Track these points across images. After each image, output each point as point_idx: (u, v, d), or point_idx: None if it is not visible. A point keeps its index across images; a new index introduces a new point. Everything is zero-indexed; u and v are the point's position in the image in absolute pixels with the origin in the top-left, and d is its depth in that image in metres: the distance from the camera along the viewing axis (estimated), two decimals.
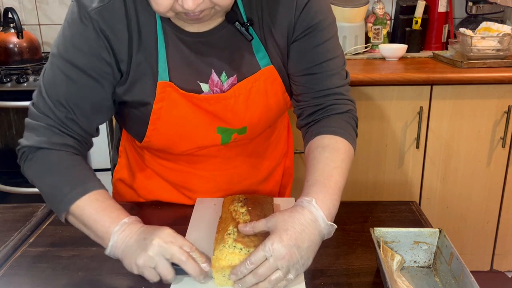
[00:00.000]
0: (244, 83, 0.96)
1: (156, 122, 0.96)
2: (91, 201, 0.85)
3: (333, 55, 0.96)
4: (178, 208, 1.09)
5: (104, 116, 0.97)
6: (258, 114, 0.99)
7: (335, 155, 0.92)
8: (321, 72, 0.96)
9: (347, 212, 1.05)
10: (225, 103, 0.96)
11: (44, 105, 0.91)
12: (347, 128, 0.97)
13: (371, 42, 2.50)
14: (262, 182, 1.17)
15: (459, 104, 2.03)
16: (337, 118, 0.97)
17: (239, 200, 0.94)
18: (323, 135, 0.95)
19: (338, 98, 0.98)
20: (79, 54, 0.89)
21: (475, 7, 2.51)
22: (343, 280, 0.83)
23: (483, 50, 2.09)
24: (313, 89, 0.98)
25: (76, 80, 0.90)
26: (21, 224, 1.03)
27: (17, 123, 2.11)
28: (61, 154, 0.90)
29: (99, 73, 0.90)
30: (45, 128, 0.90)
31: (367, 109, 2.06)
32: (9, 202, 1.86)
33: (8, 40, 2.27)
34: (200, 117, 0.96)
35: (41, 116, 0.91)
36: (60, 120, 0.90)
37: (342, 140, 0.94)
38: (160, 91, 0.92)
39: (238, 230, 0.83)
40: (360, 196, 2.18)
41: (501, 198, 2.17)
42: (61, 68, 0.90)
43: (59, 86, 0.90)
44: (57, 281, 0.84)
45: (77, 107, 0.91)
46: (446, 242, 0.82)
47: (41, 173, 0.90)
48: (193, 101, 0.94)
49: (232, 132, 1.00)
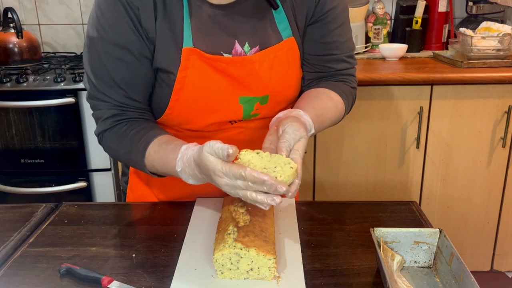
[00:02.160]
0: (268, 52, 0.99)
1: (180, 92, 0.96)
2: (155, 151, 0.93)
3: (345, 38, 1.06)
4: (178, 208, 1.09)
5: (151, 88, 1.01)
6: (280, 82, 1.02)
7: (328, 99, 1.03)
8: (333, 55, 1.06)
9: (347, 212, 1.05)
10: (251, 68, 0.98)
11: (97, 92, 0.97)
12: (347, 93, 1.08)
13: (371, 42, 2.50)
14: None
15: (459, 104, 2.03)
16: (339, 84, 1.08)
17: (239, 200, 0.94)
18: (322, 88, 1.06)
19: (347, 78, 1.10)
20: (118, 33, 0.93)
21: (475, 7, 2.51)
22: (343, 280, 0.83)
23: (483, 50, 2.09)
24: (325, 69, 1.07)
25: (121, 58, 0.94)
26: (21, 224, 1.03)
27: (17, 123, 2.11)
28: (124, 126, 0.98)
29: (138, 47, 0.94)
30: (106, 113, 0.98)
31: (367, 109, 2.05)
32: (9, 202, 1.86)
33: (8, 40, 2.27)
34: (224, 86, 0.98)
35: (98, 103, 0.97)
36: (116, 101, 0.96)
37: (338, 96, 1.05)
38: (185, 58, 0.94)
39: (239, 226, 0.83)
40: (360, 196, 2.18)
41: (501, 198, 2.17)
42: (105, 50, 0.93)
43: (107, 68, 0.94)
44: (57, 281, 0.84)
45: (128, 84, 0.96)
46: (446, 242, 0.82)
47: (115, 149, 1.00)
48: (218, 66, 0.96)
49: (254, 102, 1.01)
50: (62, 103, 2.05)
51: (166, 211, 1.09)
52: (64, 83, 2.06)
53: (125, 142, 0.97)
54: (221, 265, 0.80)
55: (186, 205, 1.09)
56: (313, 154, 2.14)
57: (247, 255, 0.79)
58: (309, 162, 2.15)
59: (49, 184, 2.19)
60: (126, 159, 1.02)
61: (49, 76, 2.10)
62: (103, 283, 0.81)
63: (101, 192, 2.22)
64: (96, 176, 2.19)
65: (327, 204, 1.10)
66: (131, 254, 0.91)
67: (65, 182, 2.19)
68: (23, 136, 2.13)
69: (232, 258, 0.79)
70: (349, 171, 2.16)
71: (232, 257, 0.79)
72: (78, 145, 2.12)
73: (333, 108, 1.04)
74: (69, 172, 2.19)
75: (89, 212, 1.08)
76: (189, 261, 0.86)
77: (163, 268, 0.86)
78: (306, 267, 0.85)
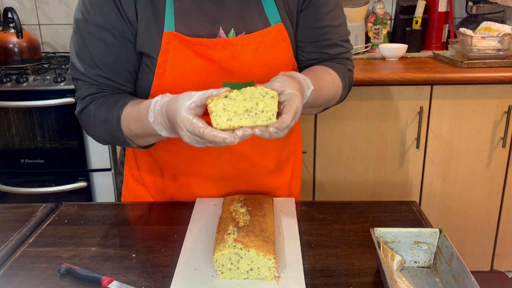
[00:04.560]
0: (253, 36, 0.97)
1: (161, 77, 0.96)
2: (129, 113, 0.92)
3: (339, 22, 1.05)
4: (178, 208, 1.08)
5: (135, 73, 1.00)
6: (266, 70, 0.99)
7: (323, 71, 1.01)
8: (328, 40, 1.05)
9: (347, 212, 1.05)
10: (232, 50, 0.96)
11: (78, 73, 0.98)
12: (344, 72, 1.06)
13: (371, 42, 2.50)
14: (270, 174, 1.14)
15: (459, 104, 2.03)
16: (334, 64, 1.06)
17: (239, 200, 0.94)
18: (319, 66, 1.04)
19: (343, 61, 1.08)
20: (100, 15, 0.93)
21: (475, 7, 2.51)
22: (343, 280, 0.83)
23: (483, 50, 2.09)
24: (321, 56, 1.05)
25: (103, 39, 0.94)
26: (21, 224, 1.03)
27: (17, 123, 2.11)
28: (101, 99, 0.97)
29: (120, 30, 0.95)
30: (85, 92, 0.98)
31: (367, 109, 2.05)
32: (9, 202, 1.86)
33: (8, 40, 2.27)
34: (206, 70, 0.96)
35: (78, 83, 0.99)
36: (95, 81, 0.97)
37: (333, 72, 1.03)
38: (165, 42, 0.94)
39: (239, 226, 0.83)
40: (360, 196, 2.18)
41: (501, 198, 2.17)
42: (88, 31, 0.94)
43: (88, 49, 0.95)
44: (57, 281, 0.84)
45: (108, 66, 0.96)
46: (446, 242, 0.82)
47: (92, 122, 0.98)
48: (198, 50, 0.95)
49: (239, 88, 0.99)
50: (62, 103, 2.05)
51: (166, 211, 1.08)
52: (64, 83, 2.06)
53: (100, 112, 0.96)
54: (221, 265, 0.80)
55: (186, 205, 1.09)
56: (313, 154, 2.14)
57: (247, 255, 0.79)
58: (309, 162, 2.15)
59: (49, 184, 2.19)
60: (103, 131, 0.98)
61: (49, 76, 2.10)
62: (103, 283, 0.81)
63: (101, 192, 2.22)
64: (96, 176, 2.19)
65: (327, 204, 1.10)
66: (131, 254, 0.91)
67: (65, 182, 2.19)
68: (23, 136, 2.13)
69: (232, 258, 0.79)
70: (349, 171, 2.16)
71: (232, 257, 0.79)
72: (78, 145, 2.12)
73: (329, 78, 1.01)
74: (69, 172, 2.18)
75: (89, 212, 1.08)
76: (189, 261, 0.86)
77: (163, 268, 0.86)
78: (306, 267, 0.85)
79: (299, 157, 1.26)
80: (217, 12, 0.96)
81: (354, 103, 2.04)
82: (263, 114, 0.74)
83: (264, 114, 0.74)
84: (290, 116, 0.77)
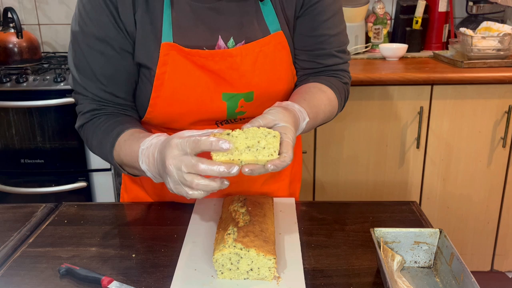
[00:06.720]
0: (252, 45, 0.95)
1: (160, 88, 0.95)
2: (121, 145, 0.91)
3: (335, 31, 1.02)
4: (178, 208, 1.08)
5: (136, 85, 1.00)
6: (265, 79, 0.98)
7: (320, 92, 0.99)
8: (323, 49, 1.02)
9: (347, 212, 1.05)
10: (231, 61, 0.94)
11: (78, 86, 0.97)
12: (339, 88, 1.04)
13: (371, 42, 2.50)
14: (270, 174, 1.13)
15: (460, 104, 2.03)
16: (330, 78, 1.04)
17: (239, 200, 0.94)
18: (311, 82, 1.02)
19: (339, 73, 1.06)
20: (98, 26, 0.92)
21: (476, 7, 2.51)
22: (343, 280, 0.83)
23: (484, 50, 2.09)
24: (315, 65, 1.03)
25: (102, 51, 0.93)
26: (21, 224, 1.03)
27: (17, 123, 2.11)
28: (101, 119, 0.97)
29: (119, 41, 0.94)
30: (86, 107, 0.98)
31: (367, 109, 2.05)
32: (9, 202, 1.86)
33: (8, 40, 2.27)
34: (205, 81, 0.95)
35: (79, 97, 0.98)
36: (96, 96, 0.96)
37: (329, 89, 1.01)
38: (163, 53, 0.92)
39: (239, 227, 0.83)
40: (360, 196, 2.18)
41: (501, 198, 2.17)
42: (87, 43, 0.93)
43: (88, 61, 0.94)
44: (57, 281, 0.84)
45: (108, 78, 0.95)
46: (446, 243, 0.82)
47: (90, 141, 0.99)
48: (197, 61, 0.93)
49: (238, 98, 0.98)
50: (62, 103, 2.05)
51: (166, 211, 1.08)
52: (64, 83, 2.06)
53: (98, 133, 0.96)
54: (221, 265, 0.80)
55: (186, 205, 1.09)
56: (313, 154, 2.14)
57: (247, 255, 0.79)
58: (309, 162, 2.15)
59: (49, 184, 2.19)
60: (98, 152, 0.99)
61: (49, 76, 2.10)
62: (103, 283, 0.80)
63: (101, 192, 2.22)
64: (96, 176, 2.19)
65: (327, 204, 1.10)
66: (131, 254, 0.90)
67: (65, 182, 2.19)
68: (23, 136, 2.13)
69: (232, 258, 0.79)
70: (349, 171, 2.16)
71: (232, 257, 0.79)
72: (78, 145, 2.12)
73: (325, 100, 0.99)
74: (69, 172, 2.19)
75: (89, 212, 1.08)
76: (189, 261, 0.86)
77: (163, 268, 0.86)
78: (306, 267, 0.85)
79: (299, 157, 1.26)
80: (215, 21, 0.94)
81: (354, 103, 2.04)
82: (265, 150, 0.75)
83: (266, 150, 0.75)
84: (290, 155, 0.75)
